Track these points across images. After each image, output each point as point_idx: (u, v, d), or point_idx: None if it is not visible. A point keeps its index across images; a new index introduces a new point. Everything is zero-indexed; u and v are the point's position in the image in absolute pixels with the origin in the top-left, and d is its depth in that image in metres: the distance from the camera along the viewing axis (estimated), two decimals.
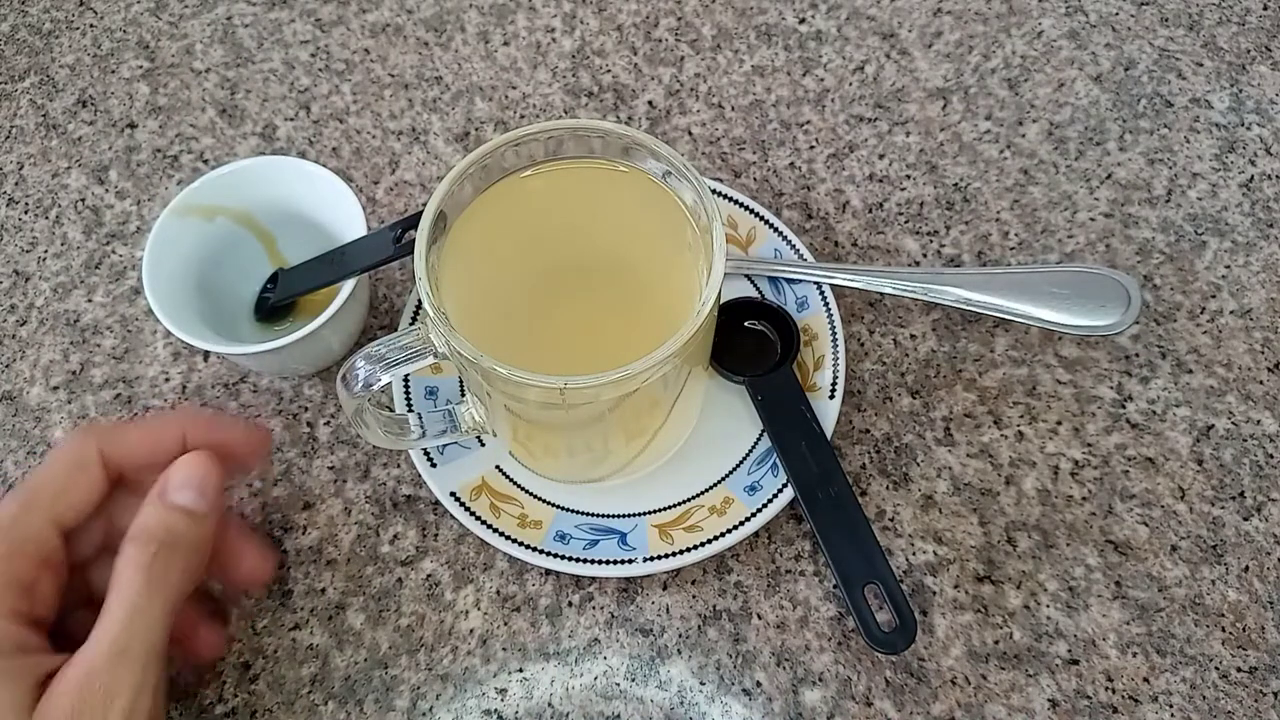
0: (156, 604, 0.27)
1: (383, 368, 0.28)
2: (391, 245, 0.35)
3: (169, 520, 0.29)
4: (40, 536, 0.28)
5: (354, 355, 0.29)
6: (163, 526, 0.28)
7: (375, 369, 0.28)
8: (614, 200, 0.32)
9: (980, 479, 0.37)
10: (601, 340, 0.31)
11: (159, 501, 0.29)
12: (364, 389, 0.28)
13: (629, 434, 0.33)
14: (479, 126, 0.47)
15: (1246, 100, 0.45)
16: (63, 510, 0.28)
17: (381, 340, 0.29)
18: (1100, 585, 0.35)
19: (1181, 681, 0.33)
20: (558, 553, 0.34)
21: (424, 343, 0.28)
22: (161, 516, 0.29)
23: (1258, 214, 0.42)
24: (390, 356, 0.28)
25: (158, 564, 0.28)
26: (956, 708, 0.33)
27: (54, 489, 0.29)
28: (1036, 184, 0.44)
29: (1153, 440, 0.38)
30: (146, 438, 0.30)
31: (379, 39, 0.50)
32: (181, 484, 0.29)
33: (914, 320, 0.41)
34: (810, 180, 0.44)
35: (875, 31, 0.49)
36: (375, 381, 0.28)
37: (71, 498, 0.29)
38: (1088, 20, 0.48)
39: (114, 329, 0.42)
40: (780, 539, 0.36)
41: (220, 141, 0.47)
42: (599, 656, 0.34)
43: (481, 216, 0.31)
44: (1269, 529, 0.36)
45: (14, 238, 0.45)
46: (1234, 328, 0.40)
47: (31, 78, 0.50)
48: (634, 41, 0.49)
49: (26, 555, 0.27)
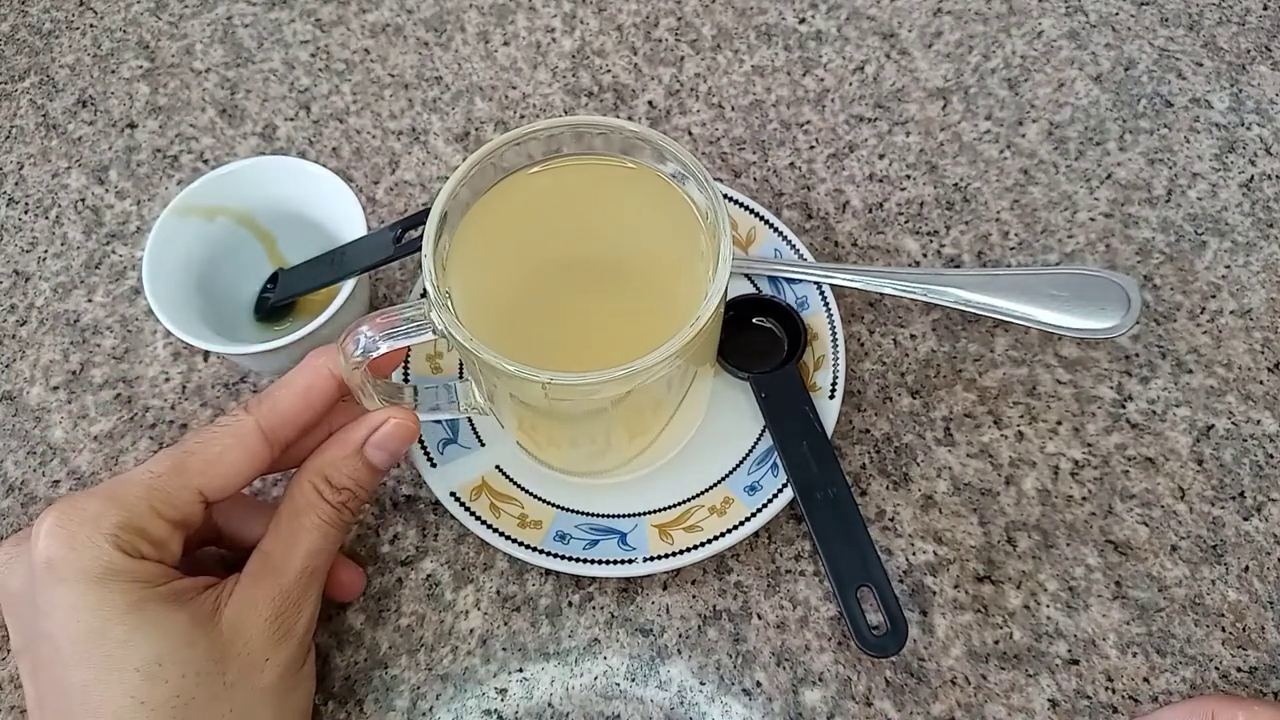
0: (334, 540, 0.31)
1: (383, 337, 0.29)
2: (391, 245, 0.35)
3: (362, 473, 0.31)
4: (182, 501, 0.28)
5: (358, 322, 0.29)
6: (355, 477, 0.31)
7: (376, 337, 0.29)
8: (623, 197, 0.32)
9: (980, 479, 0.37)
10: (602, 338, 0.31)
11: (358, 452, 0.31)
12: (362, 355, 0.29)
13: (631, 431, 0.33)
14: (479, 126, 0.47)
15: (1246, 100, 0.45)
16: (211, 481, 0.29)
17: (386, 310, 0.29)
18: (1100, 585, 0.35)
19: (1181, 681, 0.33)
20: (558, 553, 0.34)
21: (427, 318, 0.28)
22: (357, 466, 0.31)
23: (1258, 214, 0.42)
24: (392, 326, 0.29)
25: (345, 508, 0.31)
26: (956, 708, 0.33)
27: (206, 458, 0.29)
28: (1036, 184, 0.44)
29: (1153, 440, 0.38)
30: (297, 399, 0.31)
31: (379, 39, 0.50)
32: (381, 443, 0.31)
33: (914, 320, 0.41)
34: (810, 180, 0.44)
35: (875, 31, 0.49)
36: (374, 350, 0.29)
37: (223, 471, 0.29)
38: (1088, 20, 0.48)
39: (114, 329, 0.42)
40: (780, 539, 0.36)
41: (220, 141, 0.47)
42: (599, 656, 0.34)
43: (492, 208, 0.31)
44: (1269, 529, 0.36)
45: (14, 238, 0.45)
46: (1234, 328, 0.40)
47: (31, 78, 0.50)
48: (634, 41, 0.49)
49: (165, 517, 0.28)
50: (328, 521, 0.30)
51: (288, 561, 0.30)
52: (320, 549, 0.30)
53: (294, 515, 0.30)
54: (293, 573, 0.29)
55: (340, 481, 0.30)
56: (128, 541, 0.27)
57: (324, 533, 0.30)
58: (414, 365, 0.38)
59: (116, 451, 0.39)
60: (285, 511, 0.30)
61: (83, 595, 0.26)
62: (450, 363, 0.39)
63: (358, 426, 0.31)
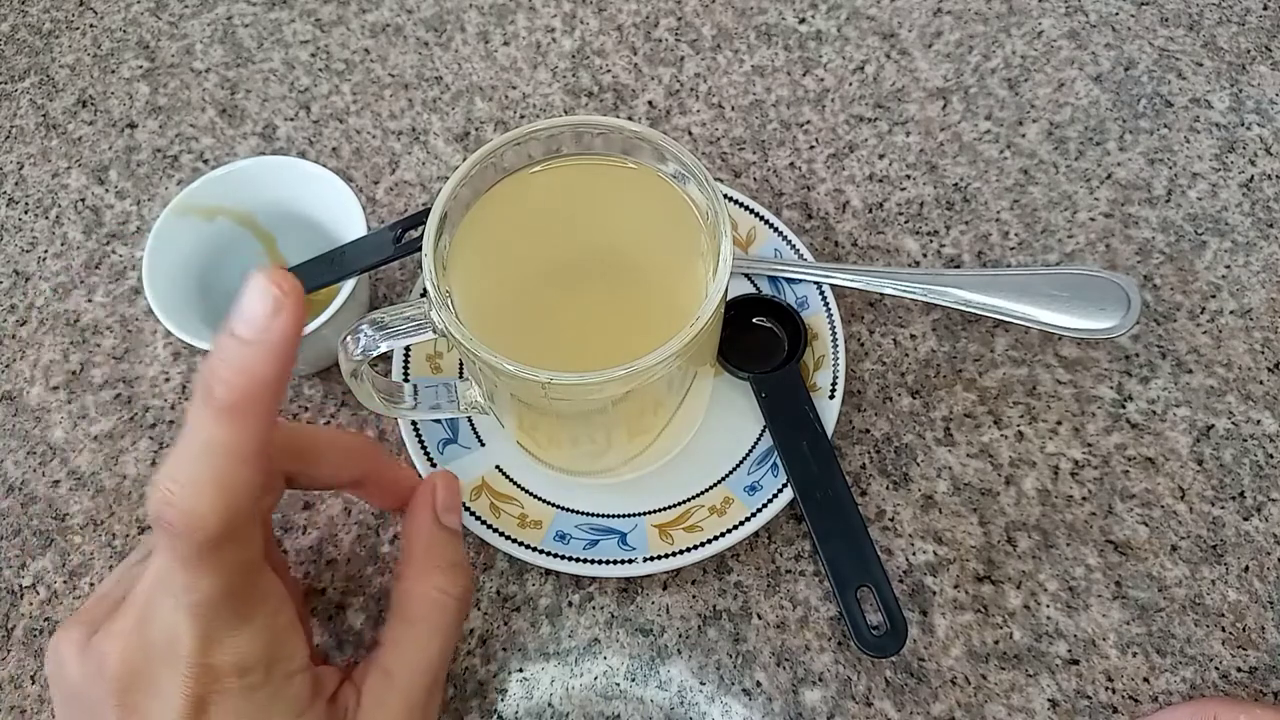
0: (456, 639, 0.30)
1: (383, 336, 0.29)
2: (391, 245, 0.35)
3: (454, 545, 0.31)
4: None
5: (359, 320, 0.29)
6: (451, 556, 0.30)
7: (376, 337, 0.29)
8: (623, 197, 0.32)
9: (980, 479, 0.37)
10: (602, 338, 0.31)
11: (436, 523, 0.30)
12: (362, 354, 0.29)
13: (631, 431, 0.33)
14: (479, 126, 0.47)
15: (1246, 100, 0.45)
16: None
17: (387, 309, 0.29)
18: (1100, 585, 0.35)
19: (1181, 681, 0.33)
20: (558, 553, 0.34)
21: (427, 318, 0.28)
22: (450, 541, 0.30)
23: (1258, 214, 0.42)
24: (393, 326, 0.29)
25: (466, 594, 0.30)
26: (956, 708, 0.33)
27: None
28: (1036, 184, 0.44)
29: (1153, 440, 0.38)
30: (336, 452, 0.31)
31: (379, 39, 0.50)
32: (448, 506, 0.31)
33: (914, 320, 0.41)
34: (810, 180, 0.44)
35: (875, 31, 0.49)
36: (374, 349, 0.29)
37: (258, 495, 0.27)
38: (1088, 20, 0.48)
39: (114, 329, 0.42)
40: (780, 539, 0.36)
41: (220, 141, 0.47)
42: (599, 656, 0.34)
43: (492, 208, 0.31)
44: (1269, 529, 0.36)
45: (14, 238, 0.45)
46: (1234, 328, 0.40)
47: (31, 78, 0.50)
48: (634, 41, 0.49)
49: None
50: (451, 622, 0.29)
51: (414, 679, 0.29)
52: (447, 654, 0.30)
53: (408, 624, 0.29)
54: (421, 690, 0.29)
55: (444, 563, 0.30)
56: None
57: (447, 636, 0.29)
58: (414, 365, 0.38)
59: (116, 451, 0.39)
60: (398, 623, 0.29)
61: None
62: (450, 363, 0.39)
63: (416, 513, 0.31)
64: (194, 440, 0.22)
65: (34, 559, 0.37)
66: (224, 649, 0.24)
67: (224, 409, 0.22)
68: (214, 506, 0.22)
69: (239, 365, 0.22)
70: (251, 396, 0.22)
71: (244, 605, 0.24)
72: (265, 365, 0.22)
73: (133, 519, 0.38)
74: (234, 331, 0.22)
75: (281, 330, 0.22)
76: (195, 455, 0.22)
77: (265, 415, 0.23)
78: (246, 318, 0.22)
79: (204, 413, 0.22)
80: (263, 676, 0.25)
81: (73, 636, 0.26)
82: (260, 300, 0.22)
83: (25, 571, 0.37)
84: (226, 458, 0.22)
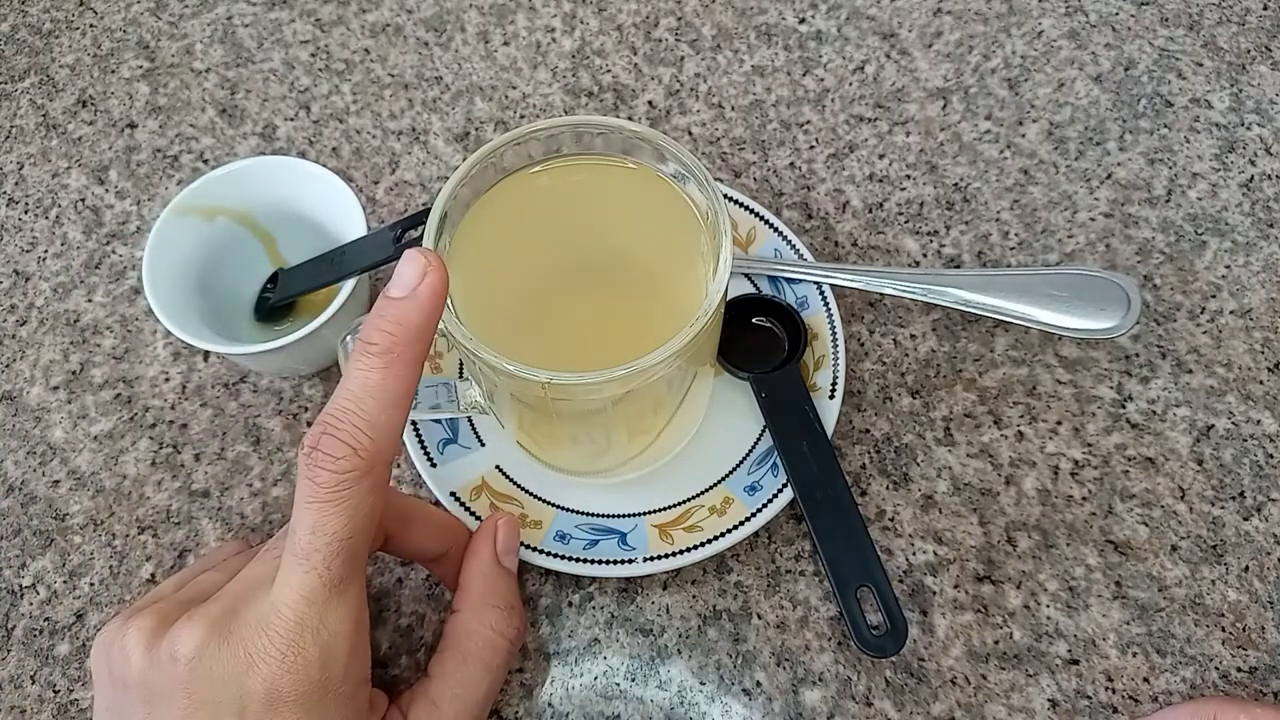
0: (502, 677, 0.32)
1: None
2: (391, 245, 0.35)
3: (511, 587, 0.32)
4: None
5: (359, 320, 0.29)
6: (504, 596, 0.32)
7: None
8: (623, 197, 0.32)
9: (980, 479, 0.37)
10: (602, 338, 0.31)
11: (496, 562, 0.32)
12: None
13: (631, 431, 0.33)
14: (479, 126, 0.47)
15: (1246, 100, 0.45)
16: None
17: None
18: (1100, 585, 0.35)
19: (1181, 682, 0.33)
20: (558, 553, 0.34)
21: None
22: (508, 582, 0.32)
23: (1258, 214, 0.42)
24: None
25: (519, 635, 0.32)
26: (956, 708, 0.33)
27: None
28: (1036, 184, 0.44)
29: (1153, 440, 0.38)
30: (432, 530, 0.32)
31: (379, 39, 0.50)
32: (507, 548, 0.33)
33: (914, 320, 0.41)
34: (810, 180, 0.44)
35: (875, 31, 0.49)
36: None
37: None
38: (1088, 20, 0.48)
39: (114, 329, 0.42)
40: (780, 539, 0.36)
41: (220, 141, 0.47)
42: (599, 656, 0.34)
43: (492, 208, 0.31)
44: (1269, 529, 0.36)
45: (14, 238, 0.45)
46: (1234, 328, 0.40)
47: (31, 78, 0.50)
48: (634, 41, 0.49)
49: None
50: (501, 664, 0.31)
51: (460, 715, 0.30)
52: (493, 694, 0.31)
53: (460, 660, 0.30)
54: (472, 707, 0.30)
55: (498, 602, 0.31)
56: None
57: (496, 676, 0.31)
58: None
59: (116, 451, 0.39)
60: (451, 657, 0.30)
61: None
62: (450, 363, 0.39)
63: (479, 551, 0.32)
64: (350, 385, 0.25)
65: (34, 559, 0.37)
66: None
67: (379, 354, 0.25)
68: (363, 441, 0.24)
69: (393, 316, 0.25)
70: (404, 342, 0.25)
71: (343, 585, 0.26)
72: (416, 315, 0.25)
73: (133, 519, 0.38)
74: (389, 294, 0.25)
75: (429, 287, 0.25)
76: (351, 395, 0.25)
77: (414, 362, 0.25)
78: (401, 281, 0.25)
79: (360, 360, 0.25)
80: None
81: (143, 625, 0.26)
82: (410, 266, 0.25)
83: (25, 571, 0.37)
84: (379, 399, 0.25)
